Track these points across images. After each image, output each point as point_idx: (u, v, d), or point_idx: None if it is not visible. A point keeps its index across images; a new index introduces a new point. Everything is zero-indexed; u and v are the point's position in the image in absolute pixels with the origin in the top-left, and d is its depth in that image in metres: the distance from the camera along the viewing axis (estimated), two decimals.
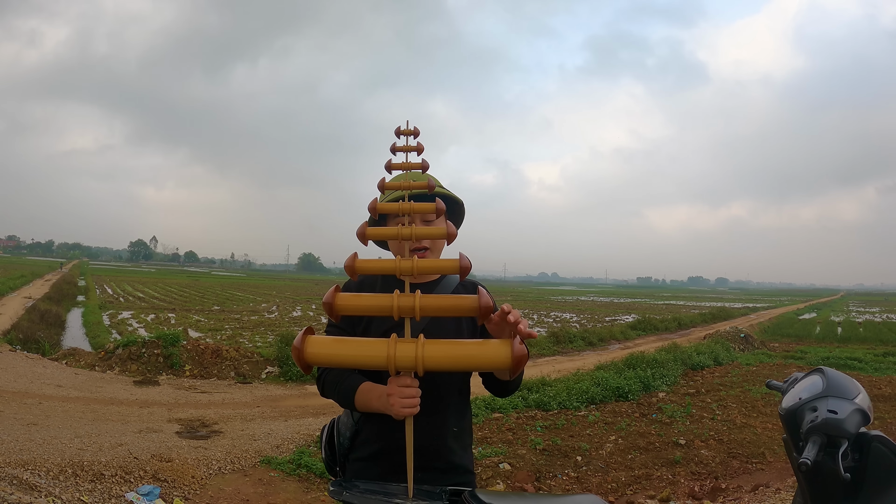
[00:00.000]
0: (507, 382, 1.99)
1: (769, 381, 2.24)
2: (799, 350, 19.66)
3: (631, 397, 10.59)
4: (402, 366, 1.58)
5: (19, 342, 14.95)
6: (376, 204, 1.84)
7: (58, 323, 21.85)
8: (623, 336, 24.14)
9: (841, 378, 1.76)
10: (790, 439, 1.78)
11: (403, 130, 2.01)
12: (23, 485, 5.08)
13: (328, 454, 2.11)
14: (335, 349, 1.64)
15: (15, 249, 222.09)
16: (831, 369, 1.82)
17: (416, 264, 1.68)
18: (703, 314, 39.22)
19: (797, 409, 1.73)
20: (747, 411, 9.47)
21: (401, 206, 1.84)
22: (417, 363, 1.56)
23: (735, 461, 7.07)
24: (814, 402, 1.69)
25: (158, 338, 12.80)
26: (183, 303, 35.75)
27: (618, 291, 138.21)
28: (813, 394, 1.73)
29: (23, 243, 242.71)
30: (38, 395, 9.18)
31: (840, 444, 1.55)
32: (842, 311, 53.82)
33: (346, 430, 2.05)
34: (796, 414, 1.72)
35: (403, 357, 1.57)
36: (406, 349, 1.57)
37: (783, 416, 1.80)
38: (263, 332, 21.34)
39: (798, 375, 1.98)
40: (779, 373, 13.63)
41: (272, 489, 5.92)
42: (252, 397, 10.40)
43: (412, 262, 1.68)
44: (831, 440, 1.57)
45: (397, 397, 1.70)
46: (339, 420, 2.11)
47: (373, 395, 1.89)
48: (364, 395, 1.91)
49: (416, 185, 1.92)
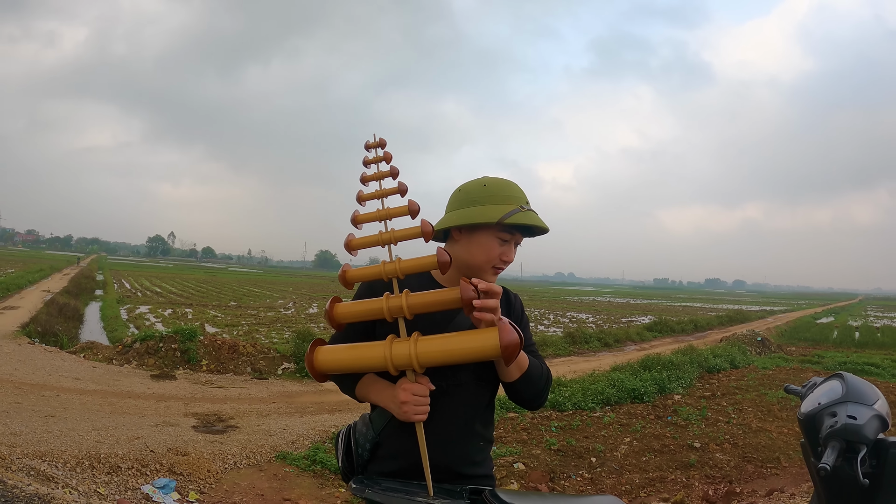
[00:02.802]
0: (528, 390, 1.95)
1: (787, 385, 2.22)
2: (816, 354, 19.46)
3: (646, 399, 10.54)
4: (400, 364, 1.67)
5: (38, 335, 15.08)
6: (357, 216, 1.87)
7: (76, 316, 22.02)
8: (639, 337, 24.07)
9: (860, 383, 1.75)
10: (808, 444, 1.77)
11: (371, 144, 2.04)
12: (40, 476, 5.12)
13: (345, 464, 2.04)
14: (342, 355, 1.76)
15: (34, 244, 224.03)
16: (851, 374, 1.80)
17: (399, 265, 1.74)
18: (720, 316, 39.00)
19: (816, 413, 1.72)
20: (763, 415, 9.40)
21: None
22: (412, 360, 1.64)
23: (750, 465, 7.02)
24: (833, 408, 1.68)
25: (176, 332, 12.89)
26: (200, 298, 35.96)
27: (634, 292, 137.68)
28: (832, 399, 1.71)
29: (42, 238, 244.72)
30: (56, 388, 9.26)
31: (859, 450, 1.54)
32: (860, 316, 53.29)
33: (366, 442, 1.97)
34: (815, 419, 1.71)
35: (399, 355, 1.66)
36: (401, 348, 1.66)
37: (802, 421, 1.79)
38: (280, 328, 21.40)
39: (817, 380, 1.97)
40: (795, 377, 13.53)
41: (287, 484, 5.95)
42: (268, 393, 10.44)
43: (396, 262, 1.74)
44: (850, 446, 1.56)
45: (411, 404, 1.73)
46: (356, 428, 2.03)
47: (373, 388, 1.90)
48: (365, 387, 1.93)
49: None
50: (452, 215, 1.96)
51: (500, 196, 1.92)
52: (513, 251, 1.96)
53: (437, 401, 1.81)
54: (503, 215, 1.87)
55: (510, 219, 1.86)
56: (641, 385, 10.93)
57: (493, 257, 1.92)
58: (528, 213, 1.92)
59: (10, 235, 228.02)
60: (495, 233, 1.91)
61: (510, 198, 1.92)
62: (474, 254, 1.93)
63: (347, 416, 8.70)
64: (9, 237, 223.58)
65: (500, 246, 1.92)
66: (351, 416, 8.72)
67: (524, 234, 2.00)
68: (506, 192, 1.94)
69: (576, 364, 15.83)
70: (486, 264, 1.93)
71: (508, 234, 1.93)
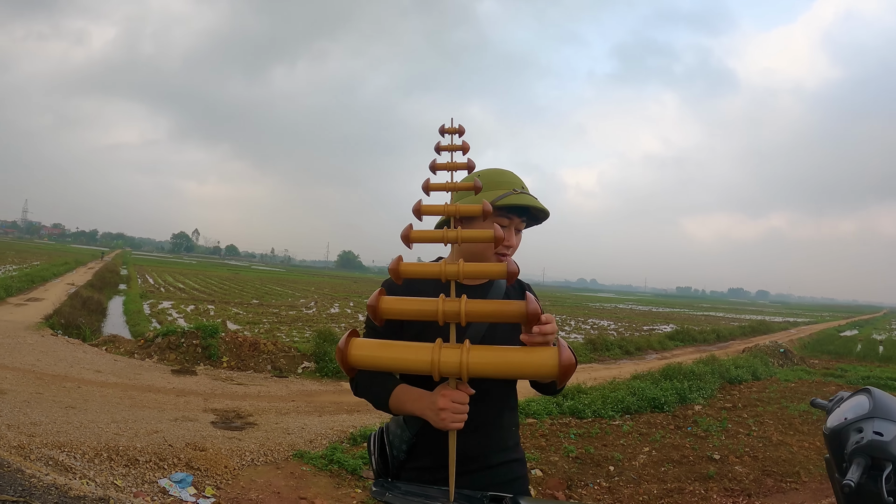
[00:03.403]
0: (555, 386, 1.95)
1: (814, 399, 2.18)
2: (839, 368, 19.20)
3: (666, 409, 10.45)
4: (447, 371, 1.54)
5: (61, 327, 15.26)
6: (420, 206, 1.73)
7: (99, 310, 22.25)
8: (660, 346, 23.89)
9: (888, 399, 1.71)
10: (833, 460, 1.74)
11: (448, 129, 1.88)
12: (58, 466, 5.18)
13: (380, 465, 2.04)
14: (380, 352, 1.61)
15: (60, 237, 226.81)
16: (878, 390, 1.76)
17: (462, 268, 1.61)
18: (743, 327, 38.64)
19: (842, 429, 1.68)
20: (784, 428, 9.29)
21: (445, 208, 1.74)
22: (462, 369, 1.52)
23: (769, 479, 6.94)
24: (859, 423, 1.64)
25: (197, 328, 12.99)
26: (222, 295, 36.19)
27: (656, 300, 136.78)
28: (858, 414, 1.68)
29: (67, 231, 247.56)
30: (78, 380, 9.36)
31: (884, 468, 1.50)
32: (884, 329, 52.48)
33: (402, 444, 1.97)
34: (841, 434, 1.68)
35: (448, 363, 1.53)
36: (451, 355, 1.53)
37: (827, 436, 1.75)
38: (301, 327, 21.46)
39: (844, 395, 1.93)
40: (817, 390, 13.37)
41: (303, 483, 5.96)
42: (287, 391, 10.48)
43: (458, 265, 1.61)
44: (875, 463, 1.52)
45: (450, 412, 1.67)
46: (389, 430, 2.03)
47: (408, 397, 1.85)
48: (399, 399, 1.87)
49: (461, 186, 1.81)
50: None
51: (493, 183, 2.00)
52: (514, 236, 2.01)
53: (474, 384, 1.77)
54: (495, 198, 1.94)
55: (502, 201, 1.94)
56: (662, 394, 10.85)
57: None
58: (520, 196, 1.97)
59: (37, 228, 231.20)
60: (492, 218, 1.95)
61: (502, 183, 2.01)
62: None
63: (366, 417, 8.71)
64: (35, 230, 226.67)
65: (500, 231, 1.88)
66: (368, 416, 8.75)
67: (524, 219, 2.04)
68: (497, 178, 2.03)
69: (596, 371, 15.76)
70: (486, 250, 1.98)
71: (506, 219, 1.99)
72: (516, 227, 2.02)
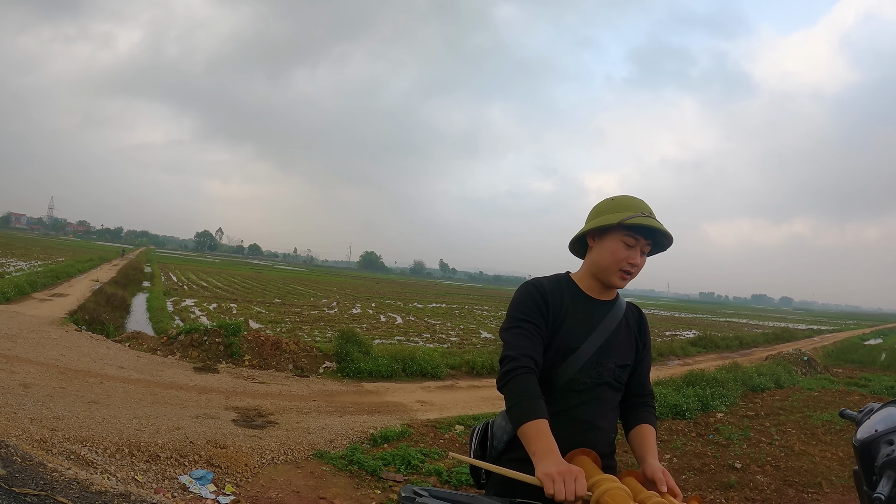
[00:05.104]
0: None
1: (843, 409, 2.16)
2: (863, 377, 18.92)
3: (688, 416, 10.38)
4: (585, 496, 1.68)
5: (85, 323, 15.41)
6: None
7: (123, 306, 22.49)
8: (683, 352, 23.71)
9: None
10: (863, 472, 1.71)
11: None
12: (80, 460, 5.22)
13: (478, 453, 2.19)
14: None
15: (85, 234, 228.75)
16: None
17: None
18: (766, 334, 38.25)
19: (872, 441, 1.66)
20: (806, 438, 9.17)
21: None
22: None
23: (791, 489, 6.85)
24: (890, 435, 1.62)
25: (220, 327, 13.06)
26: (245, 294, 36.45)
27: (679, 306, 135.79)
28: (889, 426, 1.66)
29: (93, 228, 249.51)
30: (101, 375, 9.43)
31: None
32: None
33: (503, 434, 2.12)
34: (871, 446, 1.65)
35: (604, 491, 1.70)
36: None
37: (857, 448, 1.73)
38: (323, 327, 21.53)
39: (874, 406, 1.90)
40: (841, 400, 13.19)
41: (323, 483, 5.98)
42: (309, 391, 10.51)
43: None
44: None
45: (560, 484, 1.67)
46: (495, 423, 2.18)
47: (536, 437, 1.84)
48: (530, 430, 1.86)
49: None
50: (586, 226, 2.22)
51: (624, 206, 2.15)
52: (639, 256, 2.14)
53: (589, 392, 2.10)
54: (624, 217, 2.08)
55: (630, 220, 2.07)
56: (684, 401, 10.77)
57: (620, 259, 2.11)
58: (648, 219, 2.10)
59: (62, 225, 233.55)
60: (620, 237, 2.11)
61: (633, 206, 2.14)
62: (602, 256, 2.15)
63: (386, 418, 8.73)
64: (61, 227, 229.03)
65: (626, 250, 2.11)
66: (389, 417, 8.76)
67: (649, 241, 2.15)
68: (629, 202, 2.17)
69: None
70: (612, 266, 2.13)
71: (633, 239, 2.11)
72: (642, 248, 2.14)
